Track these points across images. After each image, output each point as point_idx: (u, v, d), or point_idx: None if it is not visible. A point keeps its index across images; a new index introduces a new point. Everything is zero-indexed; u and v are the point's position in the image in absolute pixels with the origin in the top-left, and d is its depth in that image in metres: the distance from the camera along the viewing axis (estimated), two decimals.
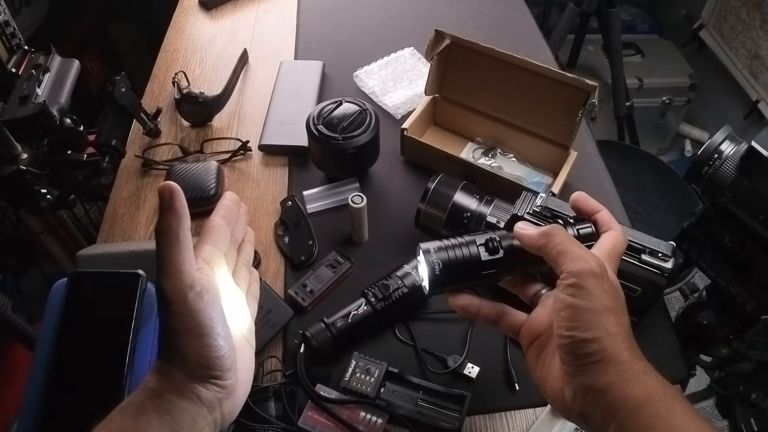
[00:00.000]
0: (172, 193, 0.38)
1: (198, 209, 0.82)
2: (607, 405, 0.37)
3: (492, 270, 0.44)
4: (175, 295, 0.36)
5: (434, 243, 0.45)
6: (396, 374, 0.63)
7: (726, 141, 0.62)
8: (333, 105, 0.81)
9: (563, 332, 0.38)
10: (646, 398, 0.36)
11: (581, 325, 0.37)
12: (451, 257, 0.44)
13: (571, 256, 0.39)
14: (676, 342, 0.70)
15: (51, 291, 0.62)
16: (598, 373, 0.37)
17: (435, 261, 0.43)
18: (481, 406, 0.63)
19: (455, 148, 0.89)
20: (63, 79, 0.84)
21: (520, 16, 1.19)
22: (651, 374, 0.38)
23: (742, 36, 1.78)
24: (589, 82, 0.74)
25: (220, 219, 0.44)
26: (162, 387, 0.36)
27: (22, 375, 1.16)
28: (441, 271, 0.43)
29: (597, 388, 0.37)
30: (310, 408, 0.60)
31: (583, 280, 0.38)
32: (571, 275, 0.38)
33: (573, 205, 0.47)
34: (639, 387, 0.36)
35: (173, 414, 0.36)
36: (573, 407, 0.39)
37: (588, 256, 0.39)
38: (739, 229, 0.63)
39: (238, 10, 1.21)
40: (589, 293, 0.38)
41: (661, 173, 1.47)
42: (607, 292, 0.38)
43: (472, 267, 0.44)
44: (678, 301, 1.45)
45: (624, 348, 0.37)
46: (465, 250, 0.44)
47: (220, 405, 0.38)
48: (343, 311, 0.67)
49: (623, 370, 0.37)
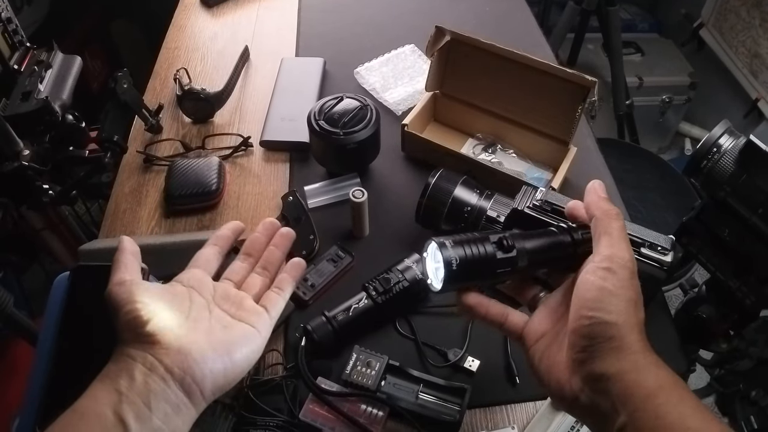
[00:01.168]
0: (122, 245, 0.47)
1: (199, 204, 0.83)
2: (617, 393, 0.36)
3: (505, 269, 0.43)
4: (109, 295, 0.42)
5: (447, 238, 0.42)
6: (397, 367, 0.63)
7: (725, 135, 0.63)
8: (334, 101, 0.81)
9: (586, 312, 0.38)
10: (657, 388, 0.36)
11: (606, 307, 0.38)
12: (468, 254, 0.42)
13: (613, 242, 0.40)
14: (675, 336, 0.70)
15: (53, 285, 0.62)
16: (612, 359, 0.37)
17: (453, 256, 0.41)
18: (482, 399, 0.63)
19: (456, 144, 0.90)
20: (65, 76, 0.84)
21: (521, 14, 1.19)
22: (662, 366, 0.38)
23: (742, 35, 1.79)
24: (589, 78, 0.75)
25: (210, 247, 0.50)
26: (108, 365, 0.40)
27: (23, 371, 1.16)
28: (458, 267, 0.41)
29: (609, 375, 0.37)
30: (311, 401, 0.60)
31: (617, 268, 0.39)
32: (608, 260, 0.39)
33: (569, 215, 0.47)
34: (651, 376, 0.37)
35: (111, 376, 0.39)
36: (580, 397, 0.38)
37: (628, 251, 0.40)
38: (739, 223, 0.63)
39: (239, 7, 1.22)
40: (620, 281, 0.38)
41: (662, 171, 1.48)
42: (635, 287, 0.39)
43: (487, 264, 0.42)
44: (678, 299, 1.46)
45: (639, 339, 0.38)
46: (480, 246, 0.42)
47: (161, 361, 0.39)
48: (344, 305, 0.67)
49: (636, 360, 0.37)
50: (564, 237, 0.45)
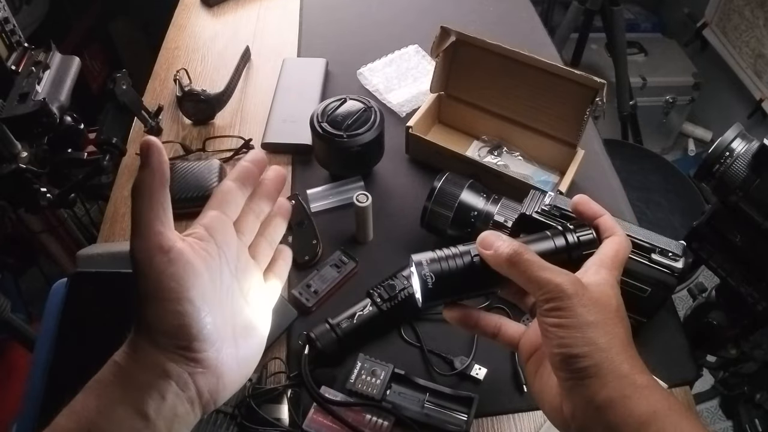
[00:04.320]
0: (150, 148, 0.34)
1: (200, 208, 0.81)
2: (608, 422, 0.35)
3: (489, 281, 0.42)
4: (141, 255, 0.33)
5: (427, 254, 0.42)
6: (402, 376, 0.62)
7: (737, 139, 0.61)
8: (337, 102, 0.80)
9: (554, 350, 0.36)
10: (651, 415, 0.34)
11: (569, 342, 0.36)
12: (445, 269, 0.41)
13: (540, 283, 0.37)
14: (685, 343, 0.69)
15: (51, 291, 0.61)
16: (595, 387, 0.35)
17: (427, 274, 0.40)
18: (489, 407, 0.62)
19: (461, 146, 0.88)
20: (63, 77, 0.83)
21: (525, 14, 1.18)
22: (655, 388, 0.36)
23: (745, 35, 1.77)
24: (597, 80, 0.73)
25: (232, 182, 0.39)
26: (127, 360, 0.33)
27: (21, 376, 1.15)
28: (434, 285, 0.40)
29: (597, 404, 0.35)
30: (315, 410, 0.59)
31: (559, 303, 0.37)
32: (546, 302, 0.37)
33: (574, 209, 0.45)
34: (643, 402, 0.35)
35: (138, 389, 0.32)
36: (572, 423, 0.37)
37: (557, 278, 0.37)
38: (751, 228, 0.62)
39: (240, 7, 1.20)
40: (570, 312, 0.36)
41: (666, 172, 1.47)
42: (587, 306, 0.37)
43: (468, 279, 0.41)
44: (684, 302, 1.44)
45: (622, 360, 0.36)
46: (459, 260, 0.41)
47: (195, 381, 0.33)
48: (348, 312, 0.66)
49: (624, 385, 0.35)
50: (558, 241, 0.43)
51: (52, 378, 0.56)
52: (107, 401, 0.32)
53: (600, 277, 0.39)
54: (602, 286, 0.38)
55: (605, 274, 0.39)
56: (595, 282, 0.39)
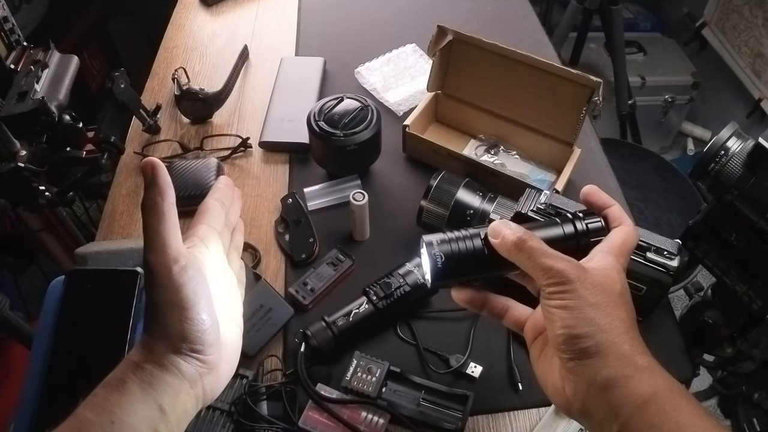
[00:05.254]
0: (154, 169, 0.38)
1: (197, 206, 0.82)
2: (610, 402, 0.36)
3: (497, 264, 0.43)
4: (160, 269, 0.37)
5: (437, 235, 0.44)
6: (398, 374, 0.62)
7: (732, 138, 0.61)
8: (334, 101, 0.80)
9: (557, 330, 0.38)
10: (651, 395, 0.35)
11: (571, 322, 0.37)
12: (454, 250, 0.42)
13: (544, 269, 0.39)
14: (681, 341, 0.69)
15: (48, 289, 0.61)
16: (596, 366, 0.36)
17: (437, 253, 0.42)
18: (484, 405, 0.62)
19: (458, 145, 0.89)
20: (62, 76, 0.83)
21: (523, 13, 1.18)
22: (656, 369, 0.37)
23: (744, 34, 1.77)
24: (594, 79, 0.74)
25: (215, 201, 0.45)
26: (145, 360, 0.36)
27: (19, 373, 1.15)
28: (443, 264, 0.42)
29: (598, 384, 0.36)
30: (310, 408, 0.59)
31: (562, 287, 0.38)
32: (550, 286, 0.39)
33: (584, 199, 0.47)
34: (644, 383, 0.35)
35: (155, 387, 0.36)
36: (575, 403, 0.38)
37: (560, 264, 0.39)
38: (746, 226, 0.62)
39: (239, 6, 1.21)
40: (572, 294, 0.38)
41: (664, 172, 1.47)
42: (589, 289, 0.38)
43: (476, 260, 0.43)
44: (681, 300, 1.45)
45: (623, 341, 0.37)
46: (469, 242, 0.43)
47: (202, 380, 0.38)
48: (344, 310, 0.66)
49: (624, 365, 0.36)
50: (567, 227, 0.44)
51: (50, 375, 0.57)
52: (128, 396, 0.35)
53: (606, 263, 0.40)
54: (606, 270, 0.40)
55: (611, 260, 0.41)
56: (600, 267, 0.40)
